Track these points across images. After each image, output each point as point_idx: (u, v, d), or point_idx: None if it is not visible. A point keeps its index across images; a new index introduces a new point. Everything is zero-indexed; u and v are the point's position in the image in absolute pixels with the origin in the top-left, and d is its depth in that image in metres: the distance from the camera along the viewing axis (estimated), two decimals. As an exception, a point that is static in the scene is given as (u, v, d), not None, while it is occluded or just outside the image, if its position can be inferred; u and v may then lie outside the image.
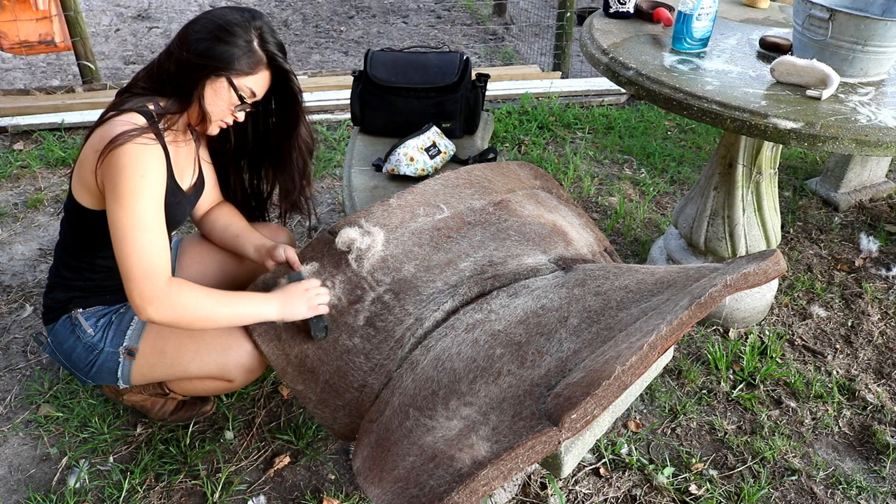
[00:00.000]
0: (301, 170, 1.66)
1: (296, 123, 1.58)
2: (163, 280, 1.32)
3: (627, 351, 1.10)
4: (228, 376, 1.55)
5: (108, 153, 1.29)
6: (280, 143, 1.63)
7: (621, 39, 2.00)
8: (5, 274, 2.36)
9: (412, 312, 1.47)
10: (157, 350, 1.53)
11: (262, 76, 1.44)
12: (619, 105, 3.93)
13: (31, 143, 3.24)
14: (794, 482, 1.75)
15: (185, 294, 1.34)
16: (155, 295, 1.30)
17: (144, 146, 1.30)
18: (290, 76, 1.49)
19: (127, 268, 1.30)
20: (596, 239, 1.79)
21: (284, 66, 1.46)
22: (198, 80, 1.38)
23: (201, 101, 1.40)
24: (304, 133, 1.60)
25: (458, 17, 5.72)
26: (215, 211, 1.71)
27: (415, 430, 1.21)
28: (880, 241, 2.68)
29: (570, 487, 1.71)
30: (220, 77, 1.38)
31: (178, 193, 1.49)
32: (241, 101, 1.43)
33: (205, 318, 1.37)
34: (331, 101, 3.66)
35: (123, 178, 1.29)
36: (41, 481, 1.67)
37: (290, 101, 1.55)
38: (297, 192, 1.69)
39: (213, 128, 1.47)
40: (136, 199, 1.30)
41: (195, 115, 1.43)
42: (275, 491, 1.67)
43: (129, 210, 1.29)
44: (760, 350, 2.15)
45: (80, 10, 3.57)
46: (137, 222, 1.30)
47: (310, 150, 1.64)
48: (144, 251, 1.30)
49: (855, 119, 1.54)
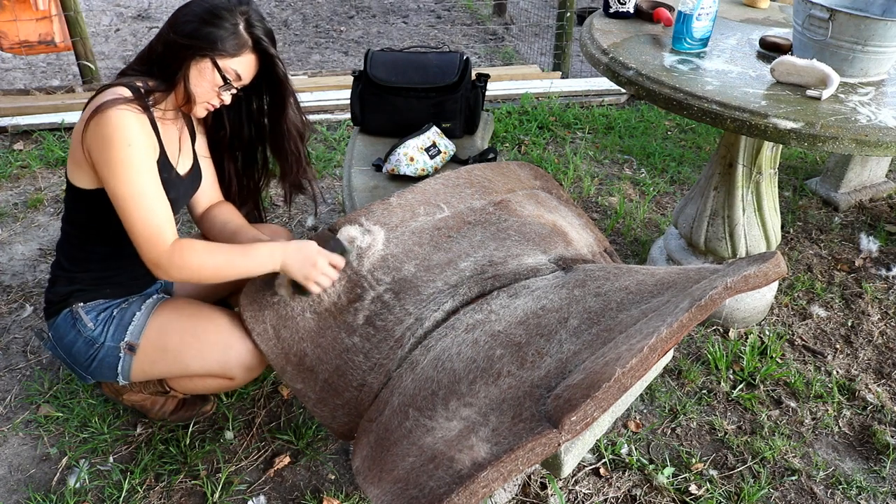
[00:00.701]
0: (295, 154, 1.67)
1: (283, 107, 1.60)
2: (167, 243, 1.38)
3: (628, 353, 1.10)
4: (229, 374, 1.55)
5: (93, 119, 1.32)
6: (272, 128, 1.66)
7: (621, 39, 2.00)
8: (5, 274, 2.36)
9: (412, 312, 1.47)
10: (159, 346, 1.53)
11: (247, 59, 1.46)
12: (619, 105, 3.93)
13: (31, 143, 3.24)
14: (794, 482, 1.76)
15: (190, 253, 1.39)
16: (161, 258, 1.37)
17: (128, 112, 1.33)
18: (275, 60, 1.51)
19: (134, 236, 1.37)
20: (596, 239, 1.79)
21: (270, 50, 1.48)
22: (183, 60, 1.41)
23: (186, 82, 1.43)
24: (292, 116, 1.62)
25: (458, 17, 5.72)
26: (214, 209, 1.72)
27: (414, 430, 1.21)
28: (880, 241, 2.68)
29: (570, 487, 1.71)
30: (205, 58, 1.41)
31: (171, 170, 1.50)
32: (226, 81, 1.45)
33: (213, 272, 1.42)
34: (331, 101, 3.65)
35: (112, 149, 1.32)
36: (41, 481, 1.67)
37: (277, 85, 1.57)
38: (294, 175, 1.71)
39: (199, 110, 1.50)
40: (130, 170, 1.34)
41: (181, 96, 1.46)
42: (275, 491, 1.67)
43: (125, 182, 1.34)
44: (760, 350, 2.15)
45: (80, 10, 3.57)
46: (135, 191, 1.35)
47: (301, 134, 1.66)
48: (146, 218, 1.36)
49: (855, 119, 1.54)
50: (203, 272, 1.40)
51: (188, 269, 1.38)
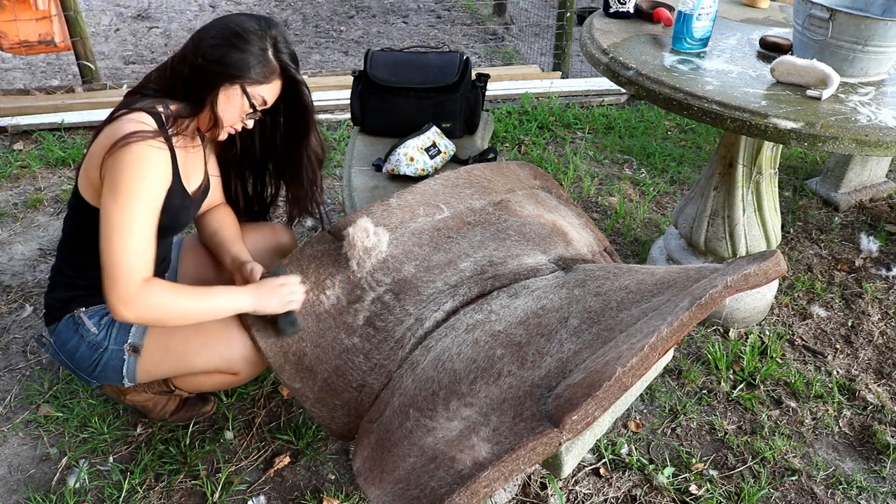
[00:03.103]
0: (311, 179, 1.66)
1: (306, 133, 1.59)
2: (137, 282, 1.33)
3: (628, 352, 1.10)
4: (234, 369, 1.55)
5: (116, 150, 1.30)
6: (289, 152, 1.64)
7: (621, 39, 2.00)
8: (5, 274, 2.36)
9: (412, 313, 1.47)
10: (162, 346, 1.53)
11: (275, 85, 1.45)
12: (619, 105, 3.93)
13: (30, 143, 3.23)
14: (795, 482, 1.76)
15: (157, 293, 1.35)
16: (129, 296, 1.32)
17: (152, 148, 1.32)
18: (301, 87, 1.50)
19: (107, 266, 1.32)
20: (596, 239, 1.79)
21: (297, 76, 1.47)
22: (212, 87, 1.39)
23: (214, 107, 1.41)
24: (314, 143, 1.61)
25: (458, 17, 5.72)
26: (210, 213, 1.71)
27: (415, 430, 1.21)
28: (880, 241, 2.68)
29: (570, 487, 1.71)
30: (235, 84, 1.39)
31: (185, 198, 1.49)
32: (253, 108, 1.44)
33: (177, 315, 1.38)
34: (331, 101, 3.66)
35: (124, 177, 1.30)
36: (41, 481, 1.67)
37: (302, 112, 1.56)
38: (307, 200, 1.70)
39: (223, 133, 1.48)
40: (132, 200, 1.31)
41: (206, 121, 1.44)
42: (275, 491, 1.67)
43: (122, 209, 1.31)
44: (760, 350, 2.15)
45: (80, 10, 3.57)
46: (128, 223, 1.31)
47: (319, 161, 1.65)
48: (127, 253, 1.31)
49: (855, 119, 1.54)
50: (169, 310, 1.36)
51: (154, 306, 1.34)
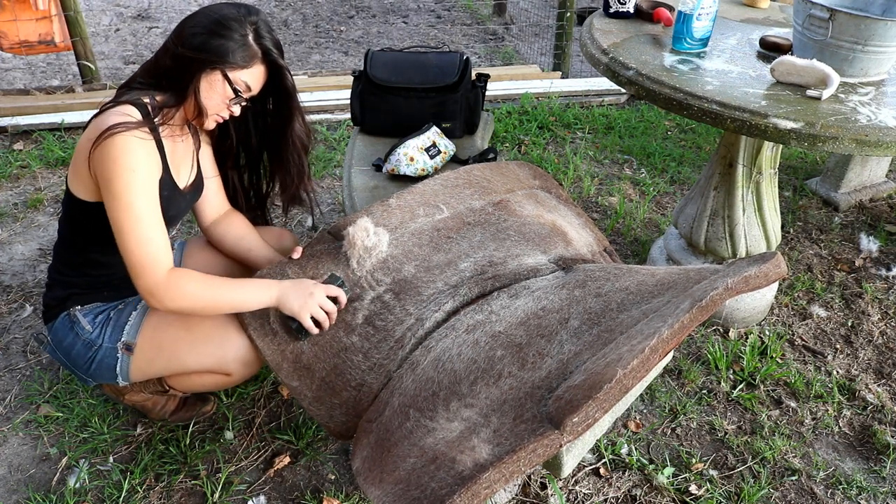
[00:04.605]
0: (297, 165, 1.67)
1: (290, 119, 1.60)
2: (163, 271, 1.37)
3: (629, 354, 1.10)
4: (226, 369, 1.55)
5: (100, 142, 1.32)
6: (276, 139, 1.65)
7: (621, 39, 2.00)
8: (5, 274, 2.36)
9: (413, 313, 1.47)
10: (155, 344, 1.53)
11: (257, 70, 1.45)
12: (619, 105, 3.92)
13: (30, 143, 3.23)
14: (795, 482, 1.76)
15: (186, 283, 1.38)
16: (157, 286, 1.36)
17: (135, 139, 1.33)
18: (284, 72, 1.50)
19: (131, 262, 1.36)
20: (595, 239, 1.79)
21: (279, 61, 1.47)
22: (193, 74, 1.40)
23: (197, 95, 1.42)
24: (298, 129, 1.61)
25: (458, 17, 5.72)
26: (225, 221, 1.71)
27: (415, 431, 1.21)
28: (880, 241, 2.68)
29: (570, 487, 1.71)
30: (215, 70, 1.40)
31: (174, 188, 1.50)
32: (236, 94, 1.44)
33: (208, 304, 1.41)
34: (331, 101, 3.65)
35: (116, 174, 1.32)
36: (41, 481, 1.67)
37: (285, 97, 1.56)
38: (294, 187, 1.70)
39: (209, 122, 1.49)
40: (131, 196, 1.33)
41: (191, 110, 1.45)
42: (275, 491, 1.67)
43: (126, 207, 1.33)
44: (760, 350, 2.15)
45: (80, 10, 3.56)
46: (134, 220, 1.34)
47: (304, 146, 1.65)
48: (145, 245, 1.35)
49: (855, 119, 1.54)
50: (197, 303, 1.39)
51: (183, 296, 1.38)
